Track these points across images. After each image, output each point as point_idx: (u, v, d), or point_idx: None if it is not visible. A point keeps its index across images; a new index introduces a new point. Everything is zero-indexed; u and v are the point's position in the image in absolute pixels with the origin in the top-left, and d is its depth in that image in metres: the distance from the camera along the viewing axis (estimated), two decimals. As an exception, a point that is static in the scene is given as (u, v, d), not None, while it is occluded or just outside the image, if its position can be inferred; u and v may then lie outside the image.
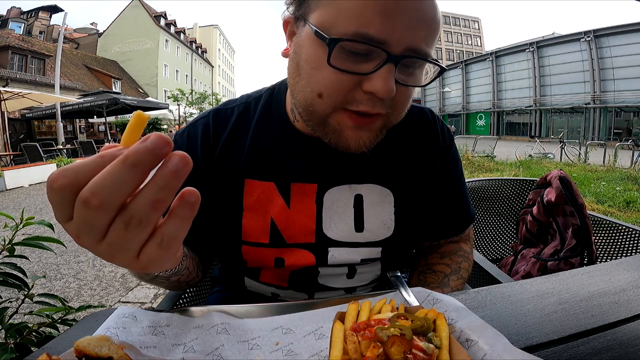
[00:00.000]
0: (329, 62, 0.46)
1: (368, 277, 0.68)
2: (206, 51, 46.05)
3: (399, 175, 0.65)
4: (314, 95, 0.50)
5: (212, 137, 0.62)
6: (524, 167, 7.56)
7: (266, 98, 0.66)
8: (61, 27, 11.50)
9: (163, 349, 0.43)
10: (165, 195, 0.26)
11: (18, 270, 0.81)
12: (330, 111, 0.50)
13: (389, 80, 0.46)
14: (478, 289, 0.58)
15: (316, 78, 0.49)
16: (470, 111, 35.41)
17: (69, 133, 17.63)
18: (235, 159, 0.61)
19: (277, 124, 0.63)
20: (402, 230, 0.65)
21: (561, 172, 1.22)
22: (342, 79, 0.47)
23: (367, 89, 0.47)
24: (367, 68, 0.46)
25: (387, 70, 0.46)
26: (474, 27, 53.19)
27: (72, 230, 0.28)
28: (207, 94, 25.71)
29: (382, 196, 0.64)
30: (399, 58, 0.45)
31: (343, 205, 0.62)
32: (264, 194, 0.61)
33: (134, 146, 0.25)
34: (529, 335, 0.45)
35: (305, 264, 0.63)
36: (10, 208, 5.07)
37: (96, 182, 0.25)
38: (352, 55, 0.46)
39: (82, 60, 23.76)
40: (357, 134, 0.51)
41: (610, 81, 22.84)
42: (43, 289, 2.27)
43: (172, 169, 0.26)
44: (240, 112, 0.65)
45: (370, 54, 0.46)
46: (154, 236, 0.28)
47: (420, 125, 0.68)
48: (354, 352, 0.36)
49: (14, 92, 9.44)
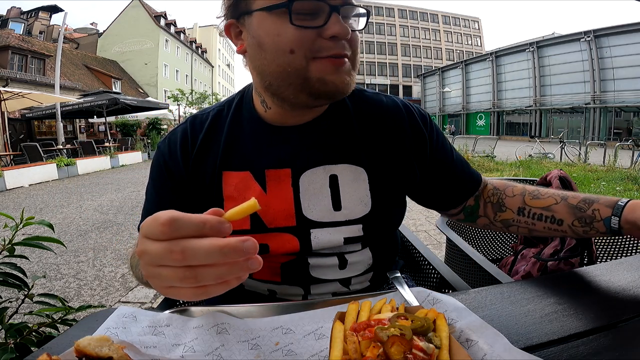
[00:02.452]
0: (291, 22, 0.54)
1: (360, 266, 0.70)
2: (206, 51, 46.03)
3: (371, 155, 0.68)
4: (286, 54, 0.56)
5: (189, 140, 0.68)
6: (524, 167, 7.57)
7: (237, 100, 0.72)
8: (61, 27, 11.50)
9: (163, 349, 0.43)
10: (230, 278, 0.33)
11: (18, 270, 0.81)
12: (305, 63, 0.56)
13: (342, 23, 0.55)
14: (478, 289, 0.58)
15: (283, 40, 0.56)
16: (470, 111, 35.42)
17: (69, 133, 17.63)
18: (212, 156, 0.67)
19: (248, 120, 0.69)
20: (379, 206, 0.68)
21: (561, 172, 1.22)
22: (305, 34, 0.55)
23: (328, 34, 0.55)
24: (320, 22, 0.55)
25: (336, 17, 0.55)
26: (474, 27, 53.18)
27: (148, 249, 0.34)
28: (207, 94, 25.69)
29: (356, 174, 0.67)
30: (338, 7, 0.55)
31: (319, 186, 0.66)
32: (241, 183, 0.65)
33: (235, 243, 0.31)
34: (529, 335, 0.45)
35: (290, 249, 0.65)
36: (10, 208, 5.08)
37: (191, 247, 0.31)
38: (304, 16, 0.55)
39: (82, 60, 23.74)
40: (339, 77, 0.57)
41: (610, 81, 22.82)
42: (43, 289, 2.27)
43: (250, 267, 0.33)
44: (214, 115, 0.71)
45: (317, 12, 0.55)
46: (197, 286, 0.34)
47: (392, 105, 0.73)
48: (354, 352, 0.36)
49: (14, 92, 9.44)
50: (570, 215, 0.66)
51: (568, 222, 0.66)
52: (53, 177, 7.78)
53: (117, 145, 12.56)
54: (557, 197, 0.69)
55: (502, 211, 0.75)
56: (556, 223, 0.68)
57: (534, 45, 27.35)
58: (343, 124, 0.69)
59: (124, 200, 5.43)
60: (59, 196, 5.87)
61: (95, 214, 4.57)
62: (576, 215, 0.66)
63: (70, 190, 6.47)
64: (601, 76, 23.08)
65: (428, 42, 50.51)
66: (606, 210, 0.62)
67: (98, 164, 9.58)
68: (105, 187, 6.69)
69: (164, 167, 0.68)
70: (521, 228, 0.73)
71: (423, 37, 50.18)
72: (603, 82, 23.14)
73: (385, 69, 48.95)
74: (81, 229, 3.88)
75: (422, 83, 44.77)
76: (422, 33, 50.05)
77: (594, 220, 0.63)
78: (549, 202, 0.69)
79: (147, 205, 0.70)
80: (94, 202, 5.28)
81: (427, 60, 49.86)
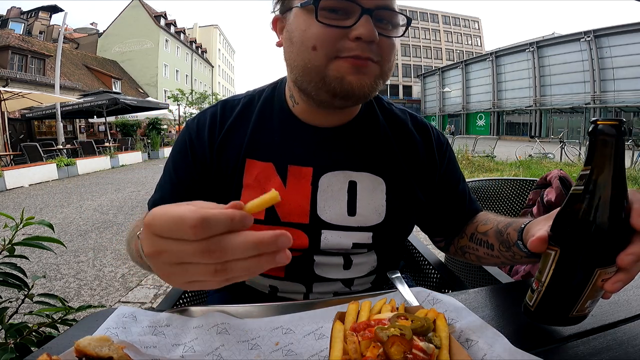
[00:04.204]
0: (317, 19, 0.55)
1: (364, 268, 0.70)
2: (206, 51, 46.01)
3: (392, 167, 0.69)
4: (309, 50, 0.56)
5: (218, 123, 0.69)
6: (524, 167, 7.57)
7: (269, 90, 0.73)
8: (61, 27, 11.49)
9: (163, 348, 0.43)
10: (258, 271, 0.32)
11: (18, 270, 0.81)
12: (326, 62, 0.56)
13: (370, 25, 0.54)
14: (478, 289, 0.58)
15: (308, 36, 0.56)
16: (470, 111, 35.42)
17: (69, 133, 17.62)
18: (238, 143, 0.68)
19: (278, 112, 0.69)
20: (392, 217, 0.68)
21: (561, 172, 1.22)
22: (331, 32, 0.55)
23: (353, 35, 0.55)
24: (349, 22, 0.55)
25: (366, 19, 0.54)
26: (474, 27, 53.18)
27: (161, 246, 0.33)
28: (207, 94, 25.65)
29: (375, 184, 0.68)
30: (371, 10, 0.55)
31: (337, 189, 0.66)
32: (262, 173, 0.66)
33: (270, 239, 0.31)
34: (529, 335, 0.45)
35: (299, 245, 0.65)
36: (10, 208, 5.07)
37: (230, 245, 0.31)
38: (334, 14, 0.56)
39: (82, 60, 23.73)
40: (358, 78, 0.57)
41: (610, 81, 22.83)
42: (43, 289, 2.27)
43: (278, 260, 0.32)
44: (245, 102, 0.72)
45: (348, 12, 0.55)
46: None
47: (415, 127, 0.74)
48: (354, 352, 0.36)
49: (14, 92, 9.43)
50: (496, 240, 0.64)
51: (496, 246, 0.64)
52: (53, 177, 7.77)
53: (117, 145, 12.54)
54: (497, 221, 0.67)
55: (461, 237, 0.76)
56: (489, 248, 0.66)
57: (534, 45, 27.36)
58: (370, 134, 0.69)
59: (124, 200, 5.43)
60: (59, 196, 5.87)
61: (95, 214, 4.57)
62: (499, 240, 0.63)
63: (70, 190, 6.47)
64: (601, 76, 23.09)
65: (428, 42, 50.50)
66: (514, 234, 0.58)
67: (98, 164, 9.57)
68: (105, 187, 6.69)
69: (189, 144, 0.68)
70: (471, 254, 0.72)
71: (423, 37, 50.16)
72: (603, 82, 23.15)
73: (385, 69, 48.86)
74: (81, 229, 3.88)
75: (422, 83, 44.77)
76: (422, 33, 50.03)
77: (510, 245, 0.60)
78: (488, 227, 0.68)
79: (162, 180, 0.70)
80: (94, 202, 5.28)
81: (427, 60, 49.84)
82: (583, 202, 0.40)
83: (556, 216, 0.44)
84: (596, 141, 0.40)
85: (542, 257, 0.45)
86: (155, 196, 0.70)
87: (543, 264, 0.44)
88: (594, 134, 0.40)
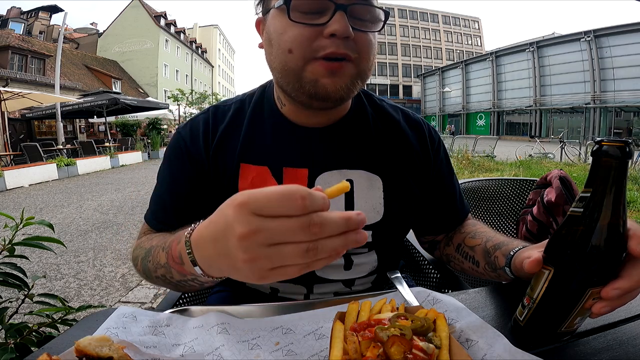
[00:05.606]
0: (289, 17, 0.54)
1: (365, 268, 0.70)
2: (206, 51, 45.99)
3: (387, 163, 0.69)
4: (286, 53, 0.56)
5: (211, 129, 0.68)
6: (524, 167, 7.56)
7: (259, 93, 0.72)
8: (61, 27, 11.49)
9: (163, 348, 0.43)
10: (342, 251, 0.33)
11: (18, 270, 0.81)
12: (302, 64, 0.56)
13: (343, 21, 0.53)
14: (478, 289, 0.58)
15: (284, 39, 0.56)
16: (470, 111, 35.41)
17: (69, 133, 17.62)
18: (232, 147, 0.67)
19: (268, 114, 0.69)
20: (391, 214, 0.68)
21: (561, 172, 1.22)
22: (305, 32, 0.54)
23: (328, 32, 0.53)
24: (323, 20, 0.54)
25: (340, 15, 0.53)
26: (474, 27, 53.17)
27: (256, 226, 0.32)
28: (207, 94, 25.68)
29: (372, 182, 0.67)
30: (345, 6, 0.53)
31: None
32: (258, 177, 0.65)
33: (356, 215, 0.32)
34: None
35: None
36: (10, 208, 5.07)
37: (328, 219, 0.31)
38: (308, 14, 0.55)
39: (82, 60, 23.72)
40: (333, 81, 0.56)
41: (610, 81, 22.82)
42: (43, 289, 2.27)
43: (358, 239, 0.33)
44: (237, 107, 0.71)
45: (322, 10, 0.54)
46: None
47: (408, 122, 0.74)
48: (354, 352, 0.36)
49: (14, 92, 9.43)
50: (483, 258, 0.65)
51: (482, 264, 0.65)
52: (53, 177, 7.77)
53: (117, 145, 12.54)
54: (485, 238, 0.67)
55: (448, 245, 0.76)
56: (475, 264, 0.67)
57: (534, 45, 27.35)
58: (363, 131, 0.69)
59: (124, 200, 5.43)
60: (59, 196, 5.86)
61: (95, 214, 4.57)
62: (486, 260, 0.64)
63: (70, 190, 6.47)
64: (601, 76, 23.08)
65: (428, 42, 50.49)
66: (502, 260, 0.58)
67: (98, 164, 9.57)
68: (105, 187, 6.69)
69: (185, 151, 0.67)
70: (456, 265, 0.73)
71: (423, 37, 50.16)
72: (603, 82, 23.14)
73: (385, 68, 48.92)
74: (81, 229, 3.88)
75: (422, 83, 44.76)
76: (422, 33, 50.03)
77: (497, 268, 0.60)
78: (476, 242, 0.68)
79: (159, 190, 0.68)
80: (94, 202, 5.28)
81: (427, 60, 49.84)
82: (581, 225, 0.40)
83: (553, 236, 0.44)
84: (599, 162, 0.38)
85: (534, 275, 0.45)
86: (153, 207, 0.68)
87: (535, 282, 0.44)
88: (597, 155, 0.38)
